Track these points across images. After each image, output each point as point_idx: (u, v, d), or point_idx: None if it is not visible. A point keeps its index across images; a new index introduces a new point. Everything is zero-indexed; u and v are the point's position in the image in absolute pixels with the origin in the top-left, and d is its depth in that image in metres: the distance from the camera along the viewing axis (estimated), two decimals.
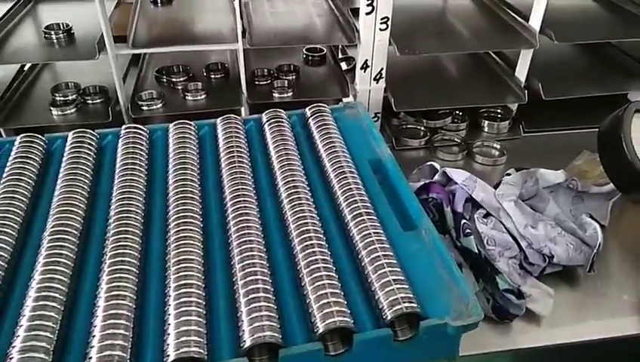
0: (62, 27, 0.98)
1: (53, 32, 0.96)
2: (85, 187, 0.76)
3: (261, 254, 0.65)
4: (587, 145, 0.96)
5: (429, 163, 0.86)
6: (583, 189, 0.86)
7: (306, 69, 1.16)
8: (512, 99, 1.08)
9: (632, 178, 0.77)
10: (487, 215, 0.76)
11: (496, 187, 0.79)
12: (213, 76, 1.09)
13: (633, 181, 0.78)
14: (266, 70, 1.11)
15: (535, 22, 1.02)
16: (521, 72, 1.08)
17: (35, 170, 0.79)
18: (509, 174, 0.84)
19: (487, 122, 1.10)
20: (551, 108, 1.07)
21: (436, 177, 0.81)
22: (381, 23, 0.96)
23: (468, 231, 0.71)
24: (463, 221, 0.72)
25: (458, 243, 0.72)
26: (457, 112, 1.10)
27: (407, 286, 0.60)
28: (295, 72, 1.12)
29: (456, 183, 0.78)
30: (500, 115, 1.12)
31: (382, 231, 0.68)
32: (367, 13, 0.95)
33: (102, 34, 0.90)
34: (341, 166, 0.79)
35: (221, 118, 0.91)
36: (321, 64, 1.19)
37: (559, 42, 1.00)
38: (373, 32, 0.97)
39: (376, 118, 1.08)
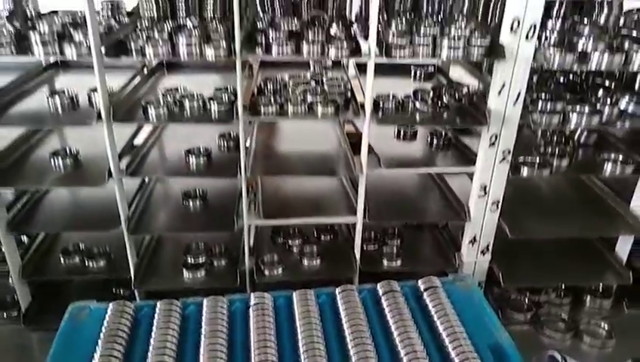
0: (198, 194, 1.09)
1: (190, 200, 1.07)
2: (224, 357, 0.80)
3: None
4: None
5: (549, 353, 0.88)
6: None
7: (408, 233, 1.22)
8: (614, 279, 1.10)
9: None
10: None
11: None
12: (323, 237, 1.17)
13: None
14: (372, 233, 1.17)
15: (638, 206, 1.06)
16: (623, 252, 1.11)
17: (175, 339, 0.85)
18: None
19: (589, 297, 1.11)
20: None
21: None
22: (492, 205, 1.03)
23: None
24: None
25: None
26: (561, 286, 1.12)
27: None
28: (399, 236, 1.18)
29: None
30: (602, 291, 1.13)
31: None
32: (480, 196, 1.02)
33: (240, 208, 1.00)
34: (466, 357, 0.82)
35: (340, 288, 0.96)
36: (420, 226, 1.25)
37: None
38: (484, 213, 1.04)
39: (479, 287, 1.11)
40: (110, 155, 0.92)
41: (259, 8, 1.10)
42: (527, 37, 0.88)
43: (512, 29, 0.88)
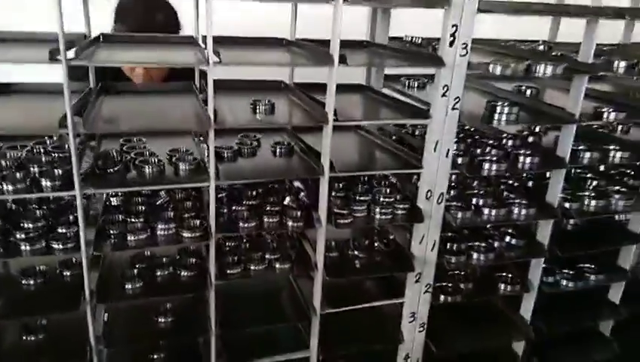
0: None
1: None
2: None
3: None
4: None
5: None
6: None
7: None
8: None
9: None
10: None
11: None
12: None
13: None
14: None
15: (526, 313, 1.35)
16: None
17: None
18: None
19: None
20: None
21: None
22: (419, 327, 1.25)
23: None
24: None
25: None
26: None
27: None
28: None
29: None
30: None
31: None
32: (410, 322, 1.23)
33: None
34: None
35: None
36: None
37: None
38: (414, 335, 1.25)
39: None
40: (91, 332, 0.99)
41: None
42: (438, 202, 1.14)
43: (426, 197, 1.13)
